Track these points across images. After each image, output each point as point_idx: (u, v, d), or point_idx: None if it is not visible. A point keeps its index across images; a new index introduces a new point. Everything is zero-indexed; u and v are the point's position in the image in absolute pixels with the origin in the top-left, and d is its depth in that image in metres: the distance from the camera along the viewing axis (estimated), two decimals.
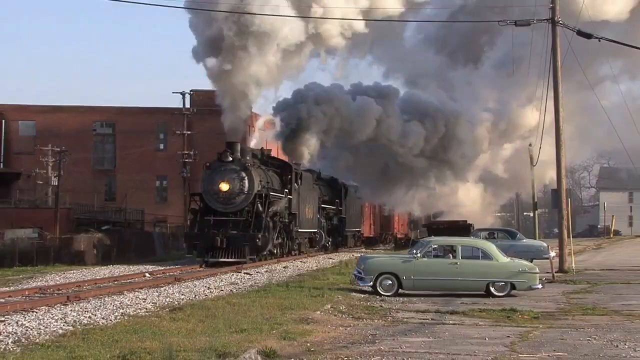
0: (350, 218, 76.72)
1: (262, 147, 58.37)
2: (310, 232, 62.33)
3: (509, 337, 20.07)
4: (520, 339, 19.73)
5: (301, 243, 60.19)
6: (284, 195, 52.60)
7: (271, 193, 48.96)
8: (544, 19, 46.06)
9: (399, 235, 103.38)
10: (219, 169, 47.48)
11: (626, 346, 18.70)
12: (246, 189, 46.29)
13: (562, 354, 17.45)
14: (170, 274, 40.94)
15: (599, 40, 47.32)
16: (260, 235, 45.10)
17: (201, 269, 43.37)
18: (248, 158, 49.79)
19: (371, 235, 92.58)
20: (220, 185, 46.17)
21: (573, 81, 62.30)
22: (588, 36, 46.18)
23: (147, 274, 40.42)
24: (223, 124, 53.39)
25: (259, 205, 46.48)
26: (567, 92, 54.37)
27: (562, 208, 46.04)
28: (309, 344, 18.22)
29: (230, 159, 47.44)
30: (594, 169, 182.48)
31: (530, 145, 58.06)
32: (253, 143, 73.90)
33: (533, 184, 70.94)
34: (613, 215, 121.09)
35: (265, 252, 48.63)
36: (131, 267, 47.91)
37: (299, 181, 57.45)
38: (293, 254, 57.39)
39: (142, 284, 30.60)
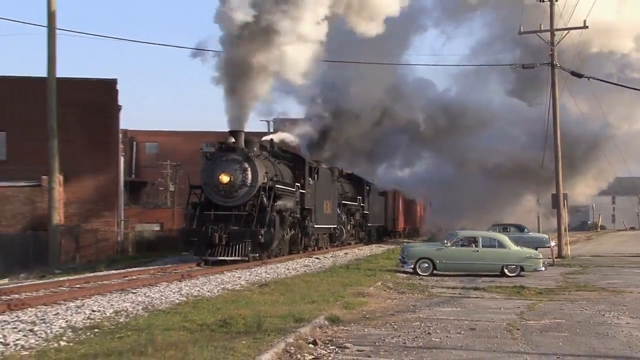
0: (373, 214, 63.94)
1: (272, 139, 44.42)
2: (329, 227, 49.03)
3: (519, 307, 19.86)
4: (528, 309, 19.53)
5: (319, 239, 46.72)
6: (294, 189, 39.35)
7: (279, 186, 36.20)
8: (546, 63, 45.73)
9: (421, 229, 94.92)
10: (219, 159, 34.88)
11: (611, 315, 18.54)
12: (249, 181, 33.89)
13: (561, 321, 17.25)
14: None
15: (588, 79, 46.87)
16: (263, 231, 32.94)
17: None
18: (256, 149, 37.31)
19: (396, 230, 77.64)
20: (220, 177, 34.02)
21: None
22: (579, 76, 45.79)
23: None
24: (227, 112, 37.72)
25: (264, 198, 34.20)
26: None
27: (560, 208, 45.78)
28: (364, 312, 18.10)
29: (232, 148, 35.01)
30: None
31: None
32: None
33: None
34: (600, 214, 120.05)
35: (272, 249, 35.47)
36: None
37: (315, 176, 43.86)
38: (310, 249, 43.98)
39: (237, 265, 30.58)
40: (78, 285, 21.17)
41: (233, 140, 34.97)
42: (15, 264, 35.09)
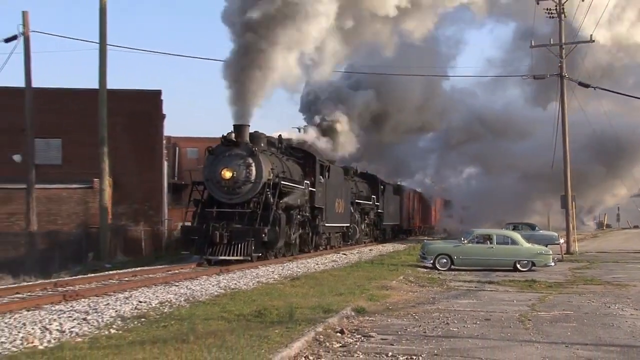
0: (388, 213, 59.01)
1: (280, 135, 39.72)
2: (342, 226, 44.56)
3: (530, 300, 19.79)
4: (538, 301, 19.45)
5: (331, 238, 42.22)
6: (303, 187, 34.97)
7: (286, 183, 32.33)
8: (555, 74, 45.55)
9: (436, 227, 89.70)
10: (222, 154, 30.87)
11: (616, 307, 18.44)
12: (253, 177, 30.11)
13: (569, 312, 17.17)
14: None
15: (594, 89, 46.59)
16: (267, 230, 29.17)
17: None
18: (262, 145, 33.37)
19: (411, 228, 73.06)
20: (222, 173, 30.29)
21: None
22: (586, 86, 45.56)
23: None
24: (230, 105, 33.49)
25: (269, 196, 30.45)
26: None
27: (568, 208, 45.59)
28: (387, 304, 18.10)
29: (236, 143, 31.04)
30: None
31: None
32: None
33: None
34: (605, 213, 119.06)
35: (278, 248, 31.91)
36: None
37: (326, 174, 39.44)
38: (321, 249, 39.96)
39: (270, 261, 30.53)
40: (126, 279, 21.31)
41: (235, 135, 31.28)
42: (70, 259, 35.50)
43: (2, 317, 14.01)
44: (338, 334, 13.14)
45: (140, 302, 16.36)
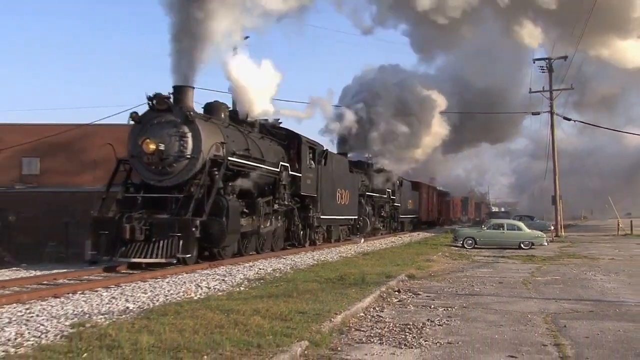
0: (405, 206, 45.92)
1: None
2: (347, 219, 31.09)
3: (530, 269, 19.41)
4: (536, 270, 19.07)
5: (332, 231, 28.90)
6: (277, 170, 21.65)
7: (238, 161, 18.83)
8: (547, 111, 44.98)
9: (453, 219, 77.64)
10: (149, 122, 17.33)
11: (590, 273, 18.04)
12: (189, 150, 17.23)
13: (557, 277, 16.81)
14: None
15: (575, 122, 45.92)
16: (198, 222, 15.87)
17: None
18: (223, 116, 20.03)
19: (430, 220, 59.22)
20: (144, 145, 16.86)
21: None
22: (568, 119, 45.01)
23: (362, 239, 31.76)
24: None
25: (216, 177, 17.29)
26: None
27: (557, 204, 45.22)
28: (430, 272, 17.91)
29: (167, 107, 17.37)
30: None
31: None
32: None
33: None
34: (584, 209, 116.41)
35: (224, 246, 17.61)
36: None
37: (322, 160, 26.29)
38: (319, 243, 26.73)
39: (349, 242, 30.42)
40: (251, 253, 21.32)
41: (167, 95, 17.40)
42: None
43: (170, 276, 14.29)
44: (396, 293, 13.06)
45: (260, 269, 16.49)
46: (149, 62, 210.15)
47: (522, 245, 29.75)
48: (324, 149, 27.18)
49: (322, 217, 26.16)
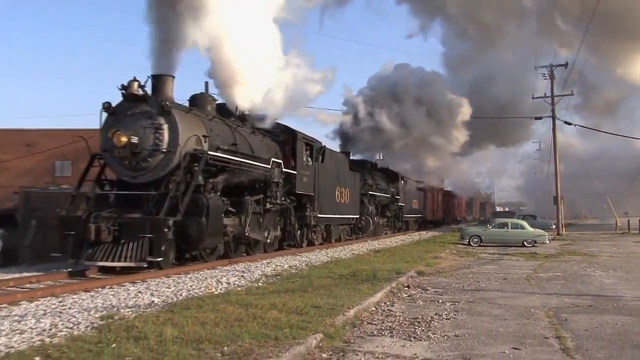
0: (410, 206, 43.48)
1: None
2: (347, 217, 28.49)
3: (533, 266, 19.34)
4: (539, 267, 18.99)
5: (332, 230, 26.39)
6: (268, 166, 19.07)
7: (221, 155, 16.14)
8: (548, 115, 44.80)
9: (458, 218, 75.69)
10: (123, 113, 14.73)
11: (590, 269, 17.97)
12: (165, 144, 14.58)
13: (559, 274, 16.73)
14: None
15: (575, 127, 45.62)
16: (171, 222, 13.37)
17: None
18: (210, 109, 17.61)
19: (435, 219, 56.70)
20: (115, 137, 14.20)
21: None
22: (569, 124, 44.82)
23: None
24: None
25: (196, 173, 14.64)
26: None
27: (559, 204, 45.07)
28: (438, 268, 17.87)
29: (141, 96, 14.72)
30: None
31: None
32: None
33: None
34: (583, 208, 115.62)
35: (205, 248, 15.57)
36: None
37: (319, 157, 23.92)
38: (317, 243, 24.66)
39: (360, 240, 30.37)
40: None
41: (139, 84, 14.97)
42: None
43: (192, 273, 14.34)
44: (406, 288, 13.06)
45: (277, 265, 16.49)
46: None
47: (525, 243, 29.57)
48: (322, 145, 24.60)
49: (320, 216, 23.95)
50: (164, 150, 14.74)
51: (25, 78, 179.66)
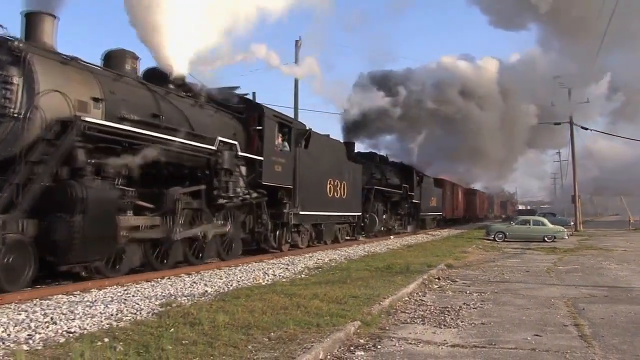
0: (426, 203, 36.45)
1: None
2: (344, 215, 22.14)
3: (553, 259, 18.93)
4: (558, 260, 18.60)
5: (325, 231, 20.42)
6: (214, 148, 12.37)
7: (130, 129, 9.87)
8: (567, 121, 43.76)
9: (480, 216, 67.26)
10: None
11: (605, 262, 17.55)
12: (16, 106, 8.00)
13: (577, 267, 16.37)
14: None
15: (591, 131, 44.41)
16: (4, 219, 6.88)
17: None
18: (128, 67, 11.16)
19: (455, 217, 50.00)
20: None
21: None
22: (586, 129, 43.66)
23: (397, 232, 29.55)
24: None
25: (60, 150, 8.11)
26: None
27: (577, 203, 44.32)
28: (466, 262, 17.65)
29: None
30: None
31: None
32: None
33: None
34: (599, 207, 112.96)
35: (80, 261, 8.78)
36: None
37: (303, 143, 17.78)
38: (303, 246, 19.03)
39: (394, 237, 30.13)
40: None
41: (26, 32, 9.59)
42: None
43: (242, 265, 14.38)
44: (436, 280, 12.90)
45: (318, 259, 16.44)
46: None
47: (545, 239, 29.00)
48: (307, 128, 18.65)
49: (303, 213, 17.95)
50: (15, 114, 8.97)
51: None
